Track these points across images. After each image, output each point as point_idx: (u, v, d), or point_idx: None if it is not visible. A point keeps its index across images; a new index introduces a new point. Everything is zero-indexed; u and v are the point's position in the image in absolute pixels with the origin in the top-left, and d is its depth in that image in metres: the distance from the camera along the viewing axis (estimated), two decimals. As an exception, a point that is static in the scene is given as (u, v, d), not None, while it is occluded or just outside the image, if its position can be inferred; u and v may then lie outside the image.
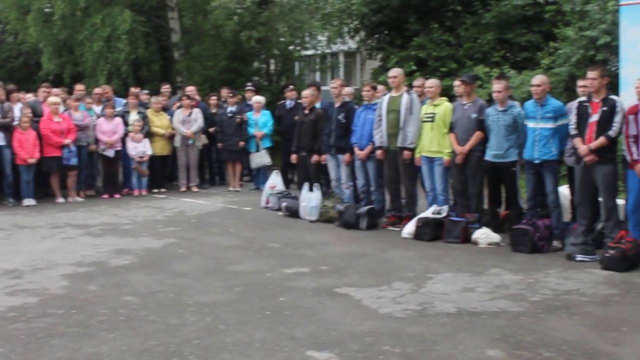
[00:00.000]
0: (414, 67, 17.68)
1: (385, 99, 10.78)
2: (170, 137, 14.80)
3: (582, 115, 8.80)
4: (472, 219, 9.88)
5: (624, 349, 5.58)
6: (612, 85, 11.80)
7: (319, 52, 23.53)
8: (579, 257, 8.62)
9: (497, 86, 9.70)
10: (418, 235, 9.93)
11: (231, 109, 14.92)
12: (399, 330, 6.15)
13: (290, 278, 7.97)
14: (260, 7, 20.50)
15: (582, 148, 8.70)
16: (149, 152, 14.41)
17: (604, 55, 13.76)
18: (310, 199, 11.54)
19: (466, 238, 9.67)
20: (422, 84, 11.09)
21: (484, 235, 9.58)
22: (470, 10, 18.46)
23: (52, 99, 13.64)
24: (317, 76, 25.14)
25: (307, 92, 12.36)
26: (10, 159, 13.06)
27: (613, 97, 8.81)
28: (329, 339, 5.93)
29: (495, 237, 9.58)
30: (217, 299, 7.15)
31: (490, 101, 10.14)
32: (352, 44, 22.56)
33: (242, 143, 14.76)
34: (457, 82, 10.61)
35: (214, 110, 15.57)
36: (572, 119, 8.92)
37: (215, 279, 7.94)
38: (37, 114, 13.50)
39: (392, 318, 6.51)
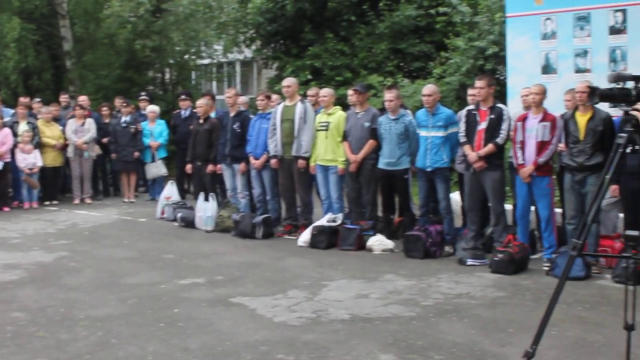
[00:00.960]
0: (309, 76, 17.83)
1: (279, 108, 10.81)
2: (63, 148, 14.43)
3: (471, 123, 9.05)
4: (367, 226, 9.99)
5: (510, 349, 5.72)
6: (501, 94, 12.21)
7: (215, 61, 23.38)
8: (470, 262, 8.84)
9: (388, 95, 9.86)
10: (313, 243, 9.97)
11: (125, 119, 14.67)
12: (293, 338, 6.15)
13: (185, 289, 7.87)
14: (155, 16, 20.22)
15: (471, 155, 8.94)
16: (40, 163, 13.98)
17: (492, 64, 14.20)
18: (205, 209, 11.45)
19: (361, 245, 9.76)
20: (316, 93, 11.18)
21: (378, 242, 9.69)
22: (364, 20, 18.70)
23: None
24: (214, 85, 24.99)
25: (201, 102, 12.27)
26: None
27: (500, 105, 9.10)
28: (223, 349, 5.89)
29: (389, 243, 9.71)
30: (109, 312, 7.00)
31: (383, 110, 10.30)
32: (248, 53, 22.53)
33: (136, 153, 14.54)
34: (350, 92, 10.73)
35: (107, 120, 15.27)
36: (462, 126, 9.17)
37: (108, 292, 7.77)
38: None
39: (287, 326, 6.51)
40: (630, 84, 4.06)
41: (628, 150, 4.03)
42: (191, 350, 5.86)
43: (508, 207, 9.66)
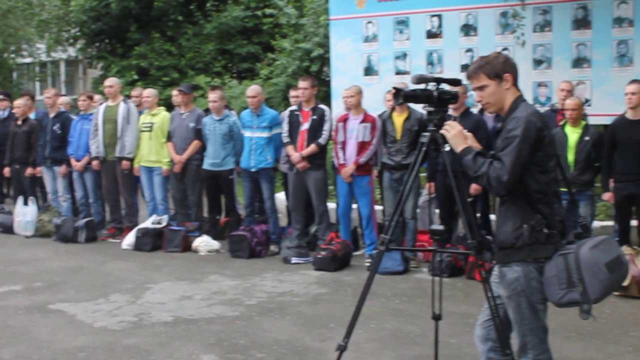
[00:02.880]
0: (136, 77, 17.52)
1: (101, 108, 10.56)
2: None
3: (294, 123, 9.19)
4: (192, 227, 9.96)
5: (331, 344, 5.79)
6: (327, 95, 12.50)
7: (37, 60, 22.51)
8: (294, 260, 8.98)
9: (212, 96, 9.85)
10: (138, 246, 9.83)
11: None
12: (113, 343, 6.05)
13: (1, 297, 7.56)
14: (-30, 12, 19.30)
15: (294, 155, 9.08)
16: None
17: (317, 66, 14.48)
18: (25, 213, 11.00)
19: (186, 246, 9.71)
20: (140, 94, 11.01)
21: (203, 243, 9.67)
22: (191, 20, 18.58)
23: None
24: (38, 86, 24.05)
25: (19, 102, 11.75)
26: None
27: (322, 106, 9.29)
28: (39, 357, 5.72)
29: (215, 244, 9.72)
30: None
31: (209, 110, 10.28)
32: (72, 53, 21.84)
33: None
34: (175, 92, 10.64)
35: None
36: (285, 127, 9.30)
37: None
38: None
39: (107, 331, 6.39)
40: (432, 86, 4.25)
41: (447, 149, 4.16)
42: (4, 361, 5.64)
43: (331, 205, 9.87)
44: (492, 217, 8.39)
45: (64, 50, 21.36)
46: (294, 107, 9.42)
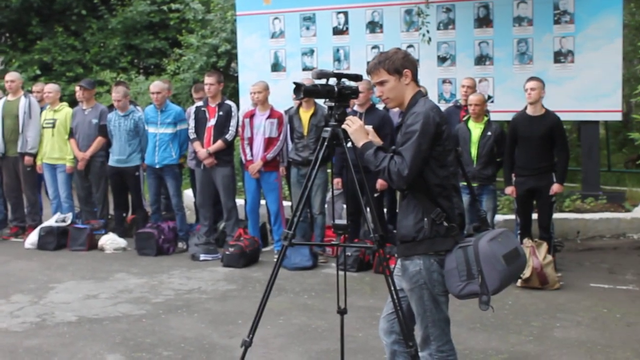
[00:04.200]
0: (38, 72, 17.09)
1: (0, 103, 10.30)
2: None
3: (200, 119, 9.17)
4: (98, 225, 9.84)
5: (238, 340, 5.70)
6: (235, 91, 12.47)
7: None
8: (203, 257, 8.95)
9: (115, 94, 9.73)
10: (42, 245, 9.65)
11: None
12: (14, 344, 5.93)
13: None
14: None
15: (201, 152, 9.06)
16: None
17: (225, 62, 14.41)
18: None
19: (92, 245, 9.59)
20: (42, 89, 10.75)
21: (110, 240, 9.56)
22: (96, 15, 18.22)
23: None
24: None
25: None
26: None
27: (228, 102, 9.29)
28: None
29: (122, 242, 9.61)
30: None
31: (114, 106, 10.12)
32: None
33: None
34: (77, 88, 10.45)
35: None
36: (191, 123, 9.26)
37: None
38: None
39: (8, 332, 6.27)
40: (332, 81, 4.29)
41: (349, 145, 4.18)
42: None
43: (240, 201, 9.87)
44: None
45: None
46: (199, 104, 9.39)
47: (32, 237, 9.80)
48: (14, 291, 7.58)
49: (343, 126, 4.12)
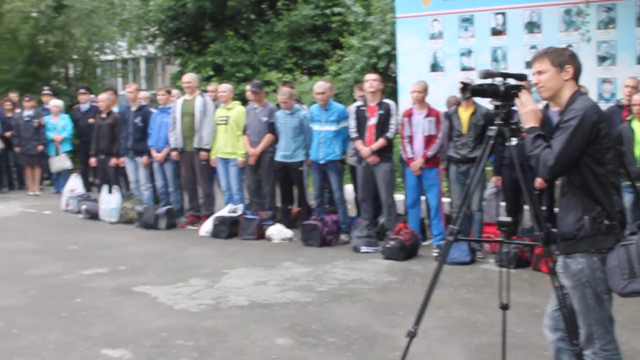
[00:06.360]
0: (211, 73, 17.96)
1: (179, 102, 10.99)
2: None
3: (361, 119, 9.39)
4: (266, 216, 10.30)
5: (400, 331, 5.88)
6: (393, 90, 12.70)
7: (119, 57, 23.27)
8: (364, 249, 9.22)
9: (280, 96, 10.18)
10: (215, 233, 10.21)
11: (28, 113, 14.69)
12: (193, 324, 6.32)
13: (88, 279, 7.98)
14: (57, 12, 19.94)
15: (364, 150, 9.30)
16: None
17: (384, 62, 14.64)
18: (109, 201, 11.58)
19: (260, 234, 10.04)
20: (216, 89, 11.41)
21: (277, 231, 9.99)
22: (263, 19, 18.90)
23: None
24: (120, 81, 24.83)
25: (103, 97, 12.26)
26: None
27: (387, 101, 9.49)
28: (124, 336, 6.01)
29: (288, 232, 10.03)
30: (11, 303, 7.06)
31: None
32: (152, 50, 22.47)
33: (40, 147, 14.55)
34: (247, 87, 10.98)
35: (9, 115, 15.17)
36: (352, 123, 9.51)
37: (10, 283, 7.82)
38: None
39: (187, 313, 6.69)
40: (498, 80, 4.35)
41: (514, 143, 4.27)
42: (92, 338, 5.97)
43: (400, 197, 10.08)
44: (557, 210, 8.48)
45: (143, 47, 21.96)
46: (359, 103, 9.61)
47: (207, 226, 10.38)
48: (191, 275, 8.07)
49: (516, 101, 4.16)
